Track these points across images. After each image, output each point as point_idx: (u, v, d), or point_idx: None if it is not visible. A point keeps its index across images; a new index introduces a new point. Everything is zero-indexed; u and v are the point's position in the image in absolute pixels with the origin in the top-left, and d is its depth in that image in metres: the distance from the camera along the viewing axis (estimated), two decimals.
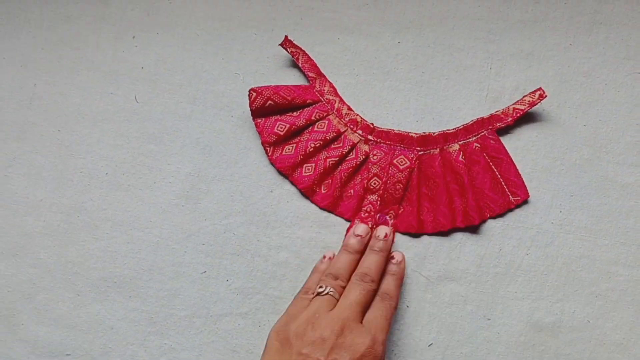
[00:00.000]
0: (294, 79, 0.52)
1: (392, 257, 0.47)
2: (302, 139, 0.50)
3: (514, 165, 0.49)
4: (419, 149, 0.50)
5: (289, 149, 0.50)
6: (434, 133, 0.50)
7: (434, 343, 0.48)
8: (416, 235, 0.49)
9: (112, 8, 0.53)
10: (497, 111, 0.50)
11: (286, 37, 0.51)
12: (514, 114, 0.50)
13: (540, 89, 0.50)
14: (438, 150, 0.50)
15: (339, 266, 0.44)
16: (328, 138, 0.50)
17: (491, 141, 0.49)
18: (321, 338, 0.39)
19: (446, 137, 0.50)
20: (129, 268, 0.49)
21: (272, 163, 0.50)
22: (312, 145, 0.49)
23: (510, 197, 0.49)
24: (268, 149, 0.50)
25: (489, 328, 0.48)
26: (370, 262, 0.44)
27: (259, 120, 0.50)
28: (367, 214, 0.49)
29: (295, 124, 0.50)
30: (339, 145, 0.50)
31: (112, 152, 0.51)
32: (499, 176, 0.49)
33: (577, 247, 0.48)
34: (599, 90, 0.50)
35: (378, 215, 0.49)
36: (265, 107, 0.49)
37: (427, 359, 0.48)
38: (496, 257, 0.49)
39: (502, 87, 0.51)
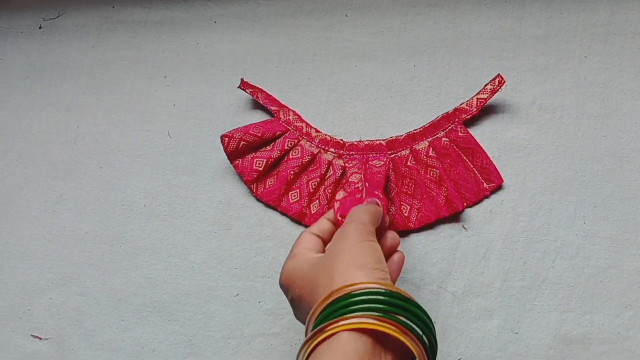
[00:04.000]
0: (307, 100, 0.54)
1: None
2: (280, 170, 0.52)
3: (485, 153, 0.50)
4: (390, 152, 0.51)
5: (271, 182, 0.52)
6: (401, 135, 0.51)
7: (462, 358, 0.48)
8: (442, 250, 0.50)
9: (145, 52, 0.57)
10: (461, 104, 0.51)
11: (242, 79, 0.53)
12: (478, 104, 0.50)
13: (499, 75, 0.50)
14: (408, 150, 0.51)
15: None
16: (304, 162, 0.51)
17: (459, 133, 0.50)
18: None
19: (414, 137, 0.51)
20: (168, 293, 0.52)
21: (259, 199, 0.52)
22: (292, 172, 0.51)
23: (485, 184, 0.50)
24: (252, 186, 0.52)
25: (517, 342, 0.48)
26: None
27: (237, 162, 0.52)
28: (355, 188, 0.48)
29: (271, 157, 0.51)
30: (316, 167, 0.52)
31: (150, 185, 0.55)
32: (471, 166, 0.50)
33: (604, 258, 0.48)
34: (618, 100, 0.51)
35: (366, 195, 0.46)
36: (240, 148, 0.51)
37: None
38: (521, 270, 0.49)
39: (518, 103, 0.52)
